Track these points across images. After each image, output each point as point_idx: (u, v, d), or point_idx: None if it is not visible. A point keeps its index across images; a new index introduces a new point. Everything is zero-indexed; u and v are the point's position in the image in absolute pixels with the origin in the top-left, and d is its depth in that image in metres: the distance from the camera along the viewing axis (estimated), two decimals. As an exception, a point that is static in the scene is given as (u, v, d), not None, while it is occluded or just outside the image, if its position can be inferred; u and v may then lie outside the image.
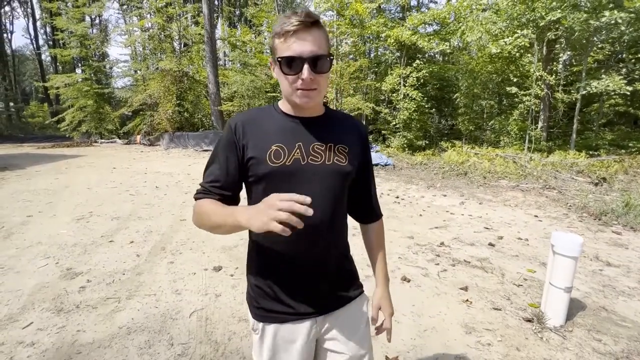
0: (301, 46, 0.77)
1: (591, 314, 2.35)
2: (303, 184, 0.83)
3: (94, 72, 19.11)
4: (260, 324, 0.91)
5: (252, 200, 0.90)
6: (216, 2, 24.69)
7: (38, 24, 32.47)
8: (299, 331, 0.89)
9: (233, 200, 0.90)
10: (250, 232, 0.92)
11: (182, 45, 18.82)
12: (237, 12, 26.44)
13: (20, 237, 3.74)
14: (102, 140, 17.91)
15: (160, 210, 4.88)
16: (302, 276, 0.89)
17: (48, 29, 30.87)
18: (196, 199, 0.91)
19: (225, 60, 25.08)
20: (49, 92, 23.23)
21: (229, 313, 2.32)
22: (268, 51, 21.39)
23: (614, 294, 2.62)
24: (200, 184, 0.92)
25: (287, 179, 0.83)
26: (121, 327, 2.16)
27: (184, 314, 2.32)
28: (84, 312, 2.31)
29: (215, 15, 18.95)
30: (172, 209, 4.95)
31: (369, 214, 1.06)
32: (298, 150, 0.85)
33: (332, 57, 0.82)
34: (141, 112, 17.38)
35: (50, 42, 29.66)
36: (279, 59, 0.79)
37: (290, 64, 0.78)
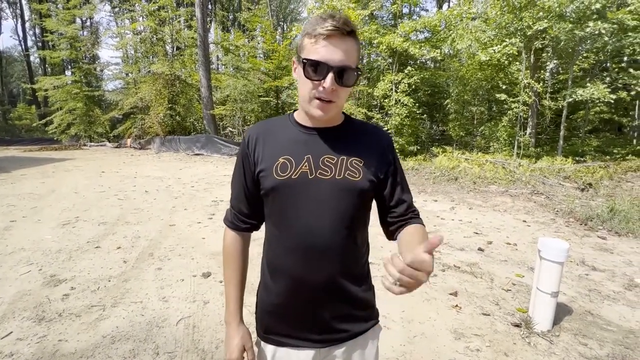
0: (331, 53, 0.72)
1: (577, 318, 2.38)
2: (309, 200, 0.78)
3: (84, 74, 18.87)
4: (261, 343, 0.90)
5: (266, 216, 0.88)
6: (209, 6, 24.69)
7: (27, 25, 31.98)
8: (297, 359, 0.84)
9: (260, 221, 0.94)
10: (263, 249, 0.91)
11: (175, 49, 18.73)
12: (231, 17, 26.48)
13: (2, 243, 3.64)
14: (92, 144, 17.63)
15: (149, 215, 4.80)
16: (305, 301, 0.82)
17: (37, 31, 30.43)
18: (225, 224, 0.95)
19: (218, 64, 25.04)
20: (37, 94, 22.80)
21: (217, 321, 2.28)
22: (261, 56, 21.46)
23: (600, 298, 2.66)
24: (230, 205, 0.95)
25: (293, 194, 0.79)
26: (105, 336, 2.10)
27: (170, 321, 2.27)
28: (66, 321, 2.25)
29: (208, 19, 18.93)
30: (162, 214, 4.87)
31: (403, 221, 0.87)
32: (306, 163, 0.80)
33: (360, 72, 0.77)
34: (132, 116, 17.20)
35: (40, 44, 29.22)
36: (304, 60, 0.74)
37: (315, 69, 0.73)
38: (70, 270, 3.00)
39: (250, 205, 0.89)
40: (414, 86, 11.80)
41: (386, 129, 12.43)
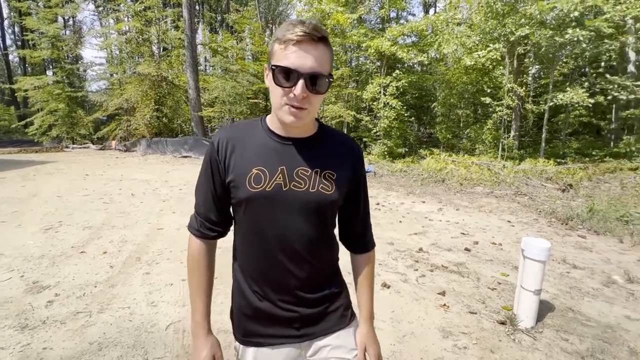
0: (301, 59, 0.70)
1: (559, 314, 2.47)
2: (283, 211, 0.80)
3: (67, 74, 18.37)
4: (240, 347, 0.89)
5: (237, 222, 0.88)
6: (197, 7, 24.45)
7: (5, 23, 30.89)
8: (279, 356, 0.87)
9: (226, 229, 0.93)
10: (234, 253, 0.92)
11: (161, 50, 18.46)
12: (219, 18, 26.29)
13: (-19, 249, 3.51)
14: (74, 146, 17.15)
15: (136, 218, 4.72)
16: (282, 301, 0.85)
17: (17, 29, 29.45)
18: (190, 231, 0.91)
19: (206, 66, 24.79)
20: (16, 94, 22.06)
21: (207, 324, 2.27)
22: (250, 57, 21.35)
23: (580, 295, 2.77)
24: (195, 212, 0.91)
25: (267, 205, 0.79)
26: (92, 343, 2.06)
27: (160, 326, 2.24)
28: (51, 328, 2.19)
29: (196, 20, 18.72)
30: (149, 217, 4.79)
31: (358, 244, 0.97)
32: (280, 175, 0.79)
33: (331, 79, 0.75)
34: (117, 117, 16.84)
35: (19, 43, 28.28)
36: (273, 67, 0.72)
37: (286, 75, 0.71)
38: (54, 276, 2.93)
39: (219, 213, 0.87)
40: (402, 89, 11.98)
41: (375, 131, 12.58)
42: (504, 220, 4.96)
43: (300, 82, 0.70)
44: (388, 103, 11.71)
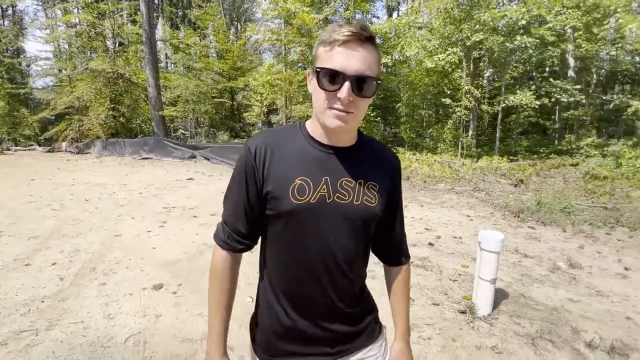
0: (347, 61, 0.67)
1: (513, 301, 2.66)
2: (327, 224, 0.76)
3: (6, 69, 16.69)
4: None
5: (271, 236, 0.81)
6: (156, 2, 23.25)
7: None
8: None
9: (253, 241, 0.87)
10: (262, 270, 0.87)
11: (117, 45, 17.34)
12: (180, 13, 25.19)
13: None
14: (17, 148, 15.62)
15: (90, 225, 4.39)
16: (319, 318, 0.81)
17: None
18: (216, 242, 0.85)
19: (167, 63, 23.66)
20: (-56, 91, 19.59)
21: (170, 334, 2.17)
22: (214, 55, 20.71)
23: (530, 282, 3.00)
24: (222, 221, 0.85)
25: (310, 218, 0.75)
26: (39, 363, 1.88)
27: (118, 340, 2.10)
28: (-11, 351, 1.98)
29: (155, 14, 17.76)
30: (105, 223, 4.49)
31: (394, 256, 0.95)
32: (324, 186, 0.75)
33: (380, 82, 0.72)
34: (67, 116, 15.56)
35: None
36: (317, 69, 0.69)
37: (331, 78, 0.68)
38: (-8, 292, 2.64)
39: (250, 225, 0.81)
40: (367, 90, 12.22)
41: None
42: (464, 215, 5.26)
43: (347, 85, 0.67)
44: (355, 103, 11.90)
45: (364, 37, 0.67)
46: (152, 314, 2.40)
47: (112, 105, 14.58)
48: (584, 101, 11.48)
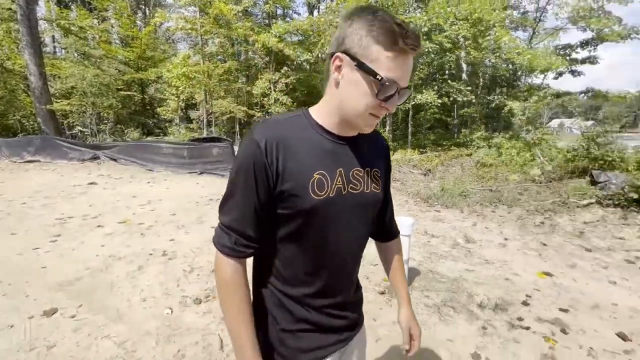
0: (405, 73, 0.66)
1: (423, 277, 3.01)
2: (345, 216, 0.75)
3: None
4: None
5: (280, 236, 0.75)
6: (34, -28, 19.27)
7: None
8: None
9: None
10: (267, 269, 0.80)
11: (-21, 21, 13.90)
12: (70, -10, 21.40)
13: None
14: None
15: (-53, 249, 3.46)
16: (334, 308, 0.82)
17: None
18: (220, 250, 0.74)
19: (55, 47, 19.93)
20: None
21: (68, 365, 1.86)
22: (117, 41, 18.28)
23: (437, 258, 3.43)
24: (224, 227, 0.74)
25: (330, 212, 0.73)
26: None
27: (-7, 385, 1.72)
28: None
29: (33, -12, 14.68)
30: (-29, 244, 3.59)
31: (388, 232, 1.00)
32: (339, 178, 0.73)
33: (410, 92, 0.75)
34: None
35: None
36: (379, 77, 0.64)
37: (390, 90, 0.65)
38: None
39: (258, 227, 0.74)
40: (291, 86, 12.31)
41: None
42: (383, 204, 5.72)
43: (397, 97, 0.68)
44: (278, 99, 11.88)
45: (418, 49, 0.67)
46: (43, 345, 2.02)
47: (-25, 97, 11.71)
48: (474, 100, 13.53)
